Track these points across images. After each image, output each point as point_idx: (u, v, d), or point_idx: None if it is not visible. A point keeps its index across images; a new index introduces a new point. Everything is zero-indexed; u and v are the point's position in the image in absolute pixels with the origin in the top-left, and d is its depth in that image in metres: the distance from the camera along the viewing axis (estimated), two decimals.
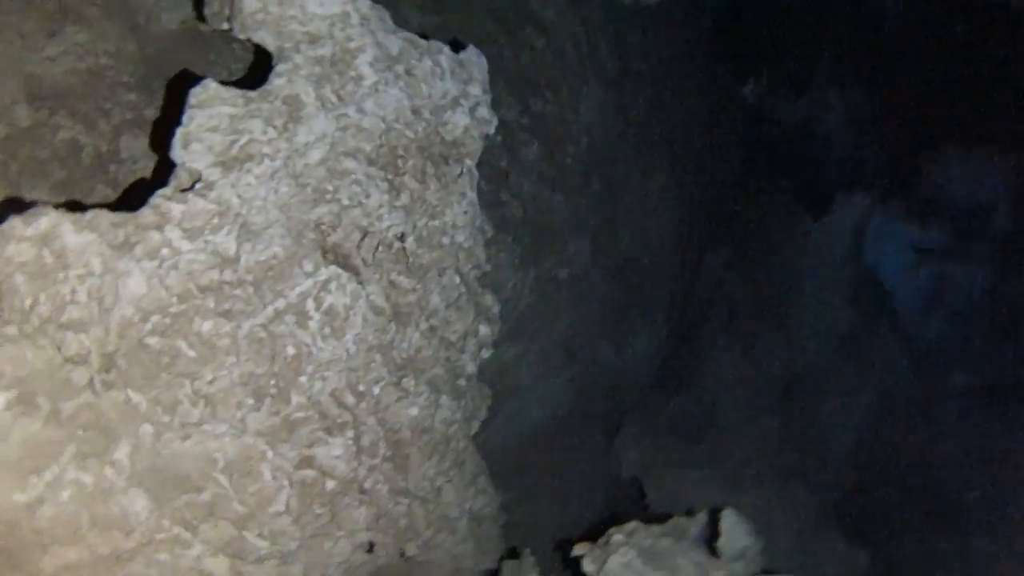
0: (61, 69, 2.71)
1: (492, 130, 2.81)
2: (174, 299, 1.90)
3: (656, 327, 4.94)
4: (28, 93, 2.63)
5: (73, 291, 1.75)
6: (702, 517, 2.40)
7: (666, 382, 5.03)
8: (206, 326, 1.94)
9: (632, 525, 2.29)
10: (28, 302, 1.71)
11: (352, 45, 2.38)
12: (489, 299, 2.75)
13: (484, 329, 2.69)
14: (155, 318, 1.87)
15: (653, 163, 5.26)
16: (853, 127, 9.32)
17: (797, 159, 8.49)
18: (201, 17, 2.63)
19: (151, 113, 2.76)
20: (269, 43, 2.31)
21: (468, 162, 2.69)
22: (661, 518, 2.46)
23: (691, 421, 4.67)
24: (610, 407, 4.38)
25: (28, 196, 2.47)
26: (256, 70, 2.67)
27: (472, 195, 2.67)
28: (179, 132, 2.09)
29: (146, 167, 2.71)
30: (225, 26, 2.45)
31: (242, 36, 2.35)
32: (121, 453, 1.75)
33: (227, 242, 2.01)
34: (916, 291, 7.31)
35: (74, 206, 2.11)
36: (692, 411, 4.78)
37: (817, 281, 6.02)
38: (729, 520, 2.25)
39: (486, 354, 2.73)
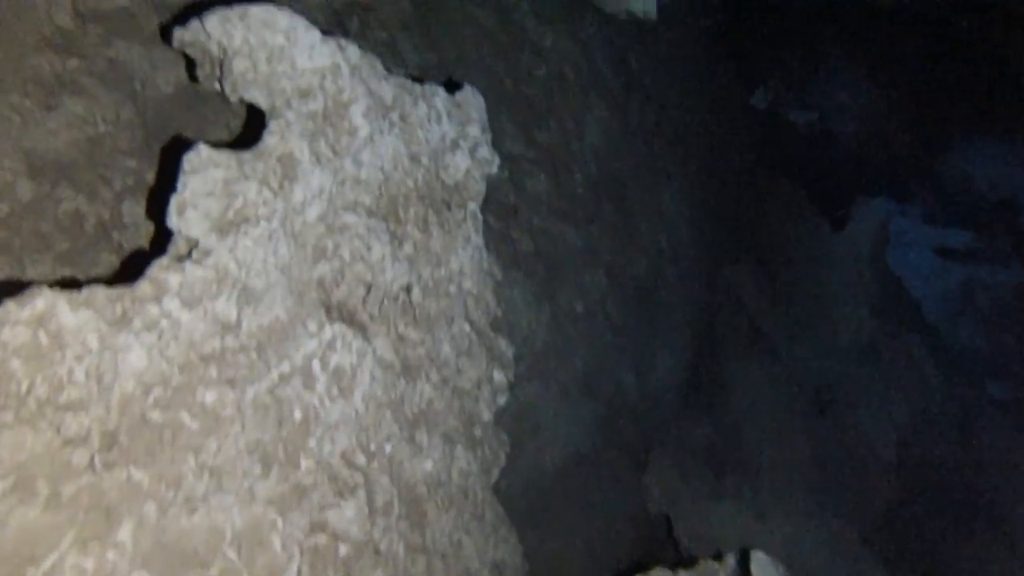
0: (61, 141, 2.71)
1: (494, 170, 2.77)
2: (175, 371, 1.87)
3: (678, 351, 4.85)
4: (29, 168, 2.64)
5: (71, 371, 1.73)
6: (731, 560, 2.31)
7: (692, 407, 4.93)
8: (209, 396, 1.91)
9: (657, 573, 2.20)
10: (24, 386, 1.68)
11: (344, 97, 2.36)
12: (502, 343, 2.69)
13: (498, 375, 2.64)
14: (157, 391, 1.84)
15: (664, 181, 5.20)
16: (867, 128, 9.21)
17: (812, 164, 8.39)
18: (195, 79, 2.63)
19: (152, 178, 2.76)
20: (261, 101, 2.30)
21: (471, 205, 2.65)
22: (689, 560, 2.38)
23: (719, 447, 4.57)
24: (635, 439, 4.29)
25: (32, 270, 2.46)
26: (251, 127, 2.66)
27: (477, 239, 2.63)
28: (174, 200, 2.07)
29: (150, 232, 2.70)
30: (216, 87, 2.45)
31: (233, 97, 2.34)
32: (124, 534, 1.71)
33: (227, 309, 1.98)
34: (944, 296, 7.14)
35: (71, 283, 2.10)
36: (719, 436, 4.67)
37: (840, 291, 5.89)
38: (759, 562, 2.16)
39: (502, 400, 2.67)
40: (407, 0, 3.88)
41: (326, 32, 2.49)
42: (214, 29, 2.31)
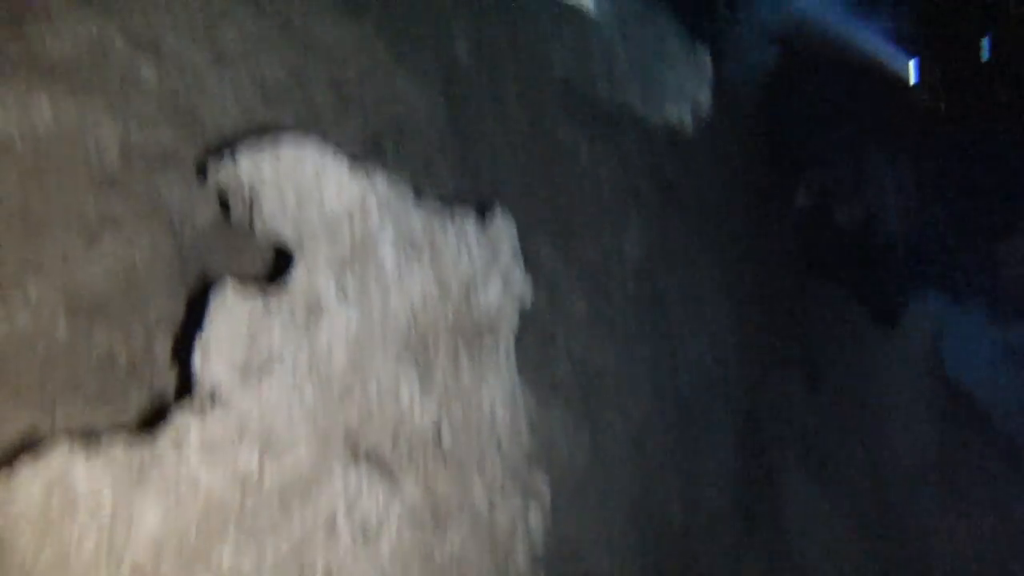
0: (100, 277, 2.72)
1: (527, 296, 2.71)
2: (192, 529, 1.79)
3: (726, 471, 4.61)
4: (68, 306, 2.64)
5: (81, 538, 1.65)
6: None
7: (744, 532, 4.62)
8: (227, 556, 1.81)
9: None
10: (30, 554, 1.60)
11: (372, 229, 2.34)
12: (538, 478, 2.56)
13: (534, 512, 2.50)
14: (171, 554, 1.75)
15: (706, 291, 5.08)
16: (915, 224, 9.03)
17: (860, 264, 8.18)
18: (228, 213, 2.65)
19: (183, 312, 2.75)
20: (288, 238, 2.29)
21: (503, 335, 2.58)
22: None
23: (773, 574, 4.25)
24: (684, 565, 4.02)
25: (60, 412, 2.43)
26: (281, 260, 2.65)
27: (510, 369, 2.54)
28: (198, 341, 2.04)
29: (179, 368, 2.67)
30: (247, 223, 2.45)
31: (263, 232, 2.34)
32: None
33: (249, 460, 1.91)
34: (1016, 399, 6.70)
35: (93, 432, 2.05)
36: (773, 562, 4.35)
37: (896, 398, 5.58)
38: None
39: (538, 537, 2.51)
40: (442, 119, 3.92)
41: (358, 158, 2.49)
42: (246, 168, 2.33)
